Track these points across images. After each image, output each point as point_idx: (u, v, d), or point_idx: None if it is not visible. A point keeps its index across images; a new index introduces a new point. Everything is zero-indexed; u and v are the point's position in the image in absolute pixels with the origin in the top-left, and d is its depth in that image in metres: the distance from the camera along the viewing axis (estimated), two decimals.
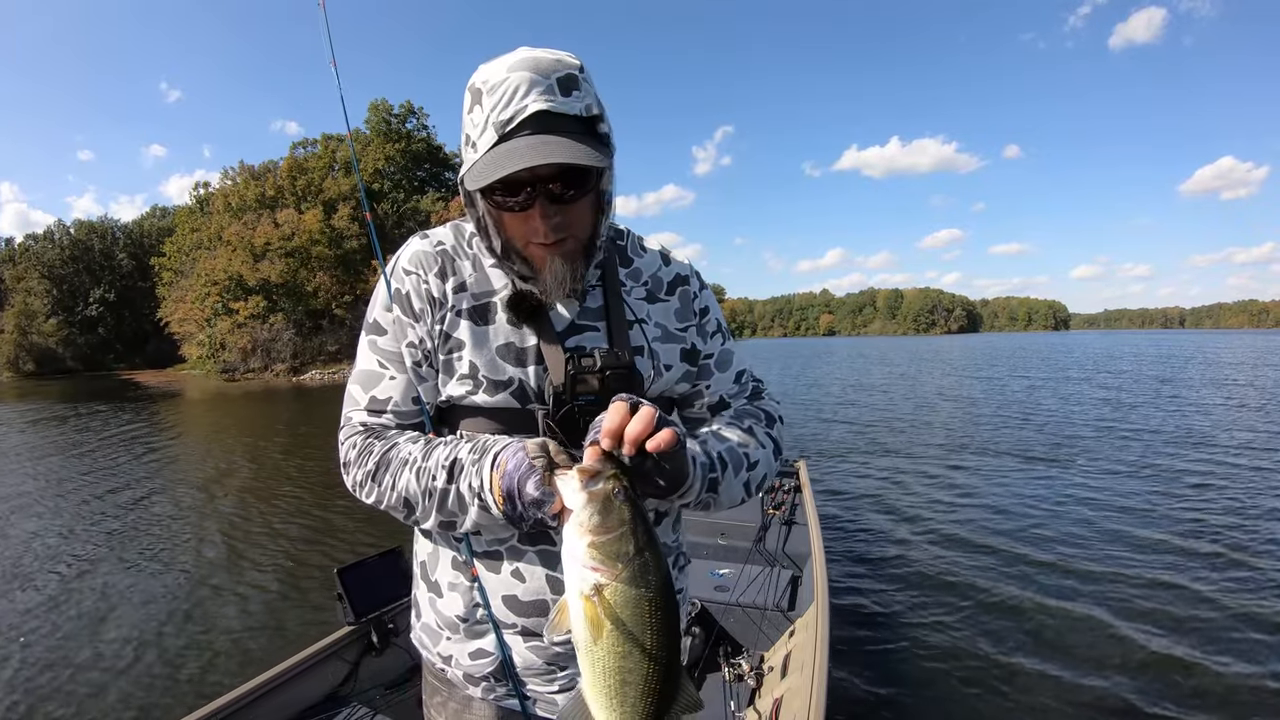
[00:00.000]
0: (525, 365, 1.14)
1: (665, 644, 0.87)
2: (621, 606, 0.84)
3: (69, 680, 4.51)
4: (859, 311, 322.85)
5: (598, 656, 0.86)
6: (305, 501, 9.35)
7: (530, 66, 1.01)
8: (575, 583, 0.87)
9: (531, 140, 0.99)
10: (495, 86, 1.01)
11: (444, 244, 1.21)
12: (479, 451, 1.03)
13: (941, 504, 8.30)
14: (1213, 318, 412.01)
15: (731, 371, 1.35)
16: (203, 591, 6.06)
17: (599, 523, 0.85)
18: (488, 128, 1.02)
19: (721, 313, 1.37)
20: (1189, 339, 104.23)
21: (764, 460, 1.24)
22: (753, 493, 1.23)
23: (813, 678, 2.70)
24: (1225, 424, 14.35)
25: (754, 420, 1.29)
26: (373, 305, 1.22)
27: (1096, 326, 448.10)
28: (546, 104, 1.00)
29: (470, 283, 1.18)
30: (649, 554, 0.86)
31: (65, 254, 72.06)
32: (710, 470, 1.11)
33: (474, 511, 1.03)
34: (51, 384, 47.46)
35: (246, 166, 50.45)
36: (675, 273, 1.31)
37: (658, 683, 0.87)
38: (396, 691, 3.13)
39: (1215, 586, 5.43)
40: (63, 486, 10.78)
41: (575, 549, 0.86)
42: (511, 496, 0.95)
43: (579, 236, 1.11)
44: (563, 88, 1.02)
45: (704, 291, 1.34)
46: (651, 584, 0.86)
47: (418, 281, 1.17)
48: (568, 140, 1.00)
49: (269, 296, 45.97)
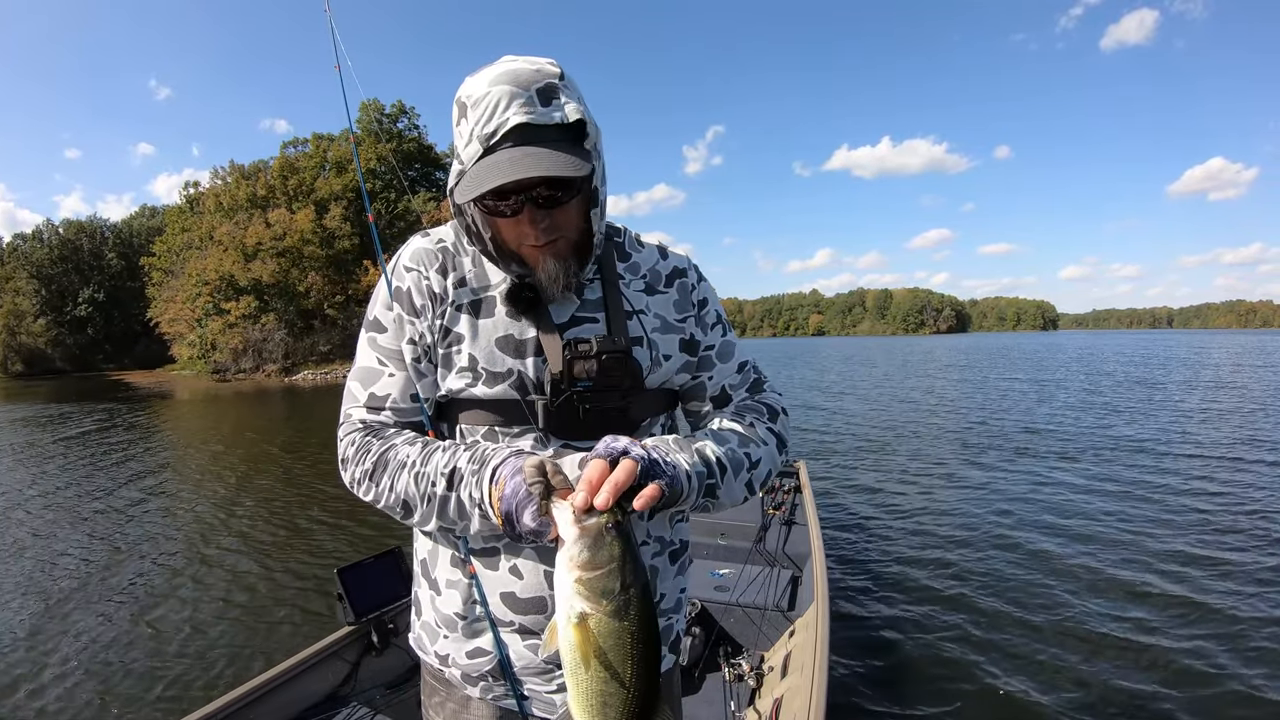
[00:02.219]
0: (524, 357, 1.15)
1: (644, 675, 0.90)
2: (604, 637, 0.87)
3: (68, 681, 4.48)
4: (848, 312, 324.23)
5: (581, 679, 0.89)
6: (304, 501, 9.30)
7: (510, 79, 1.03)
8: (564, 608, 0.89)
9: (513, 153, 1.02)
10: (478, 101, 1.04)
11: (445, 241, 1.23)
12: (478, 462, 1.04)
13: (941, 503, 8.32)
14: (1200, 318, 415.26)
15: (734, 362, 1.35)
16: (202, 591, 6.03)
17: (588, 559, 0.87)
18: (472, 140, 1.05)
19: (721, 305, 1.39)
20: (1178, 339, 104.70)
21: (766, 457, 1.24)
22: (755, 491, 1.23)
23: (813, 678, 2.70)
24: (1225, 423, 14.43)
25: (756, 416, 1.30)
26: (373, 303, 1.23)
27: (1085, 327, 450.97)
28: (526, 116, 1.02)
29: (470, 278, 1.20)
30: (634, 590, 0.89)
31: (54, 254, 71.79)
32: (708, 478, 1.11)
33: (476, 520, 1.05)
34: (41, 384, 47.15)
35: (237, 166, 50.33)
36: (673, 266, 1.33)
37: (636, 708, 0.90)
38: (396, 691, 3.12)
39: (1218, 586, 5.46)
40: (57, 488, 10.69)
41: (563, 581, 0.89)
42: (510, 520, 0.96)
43: (570, 236, 1.14)
44: (542, 98, 1.04)
45: (702, 284, 1.35)
46: (634, 619, 0.88)
47: (418, 278, 1.18)
48: (548, 151, 1.02)
49: (261, 296, 45.82)
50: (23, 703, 4.26)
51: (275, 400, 29.56)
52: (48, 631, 5.27)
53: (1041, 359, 45.90)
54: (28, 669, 4.68)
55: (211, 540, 7.60)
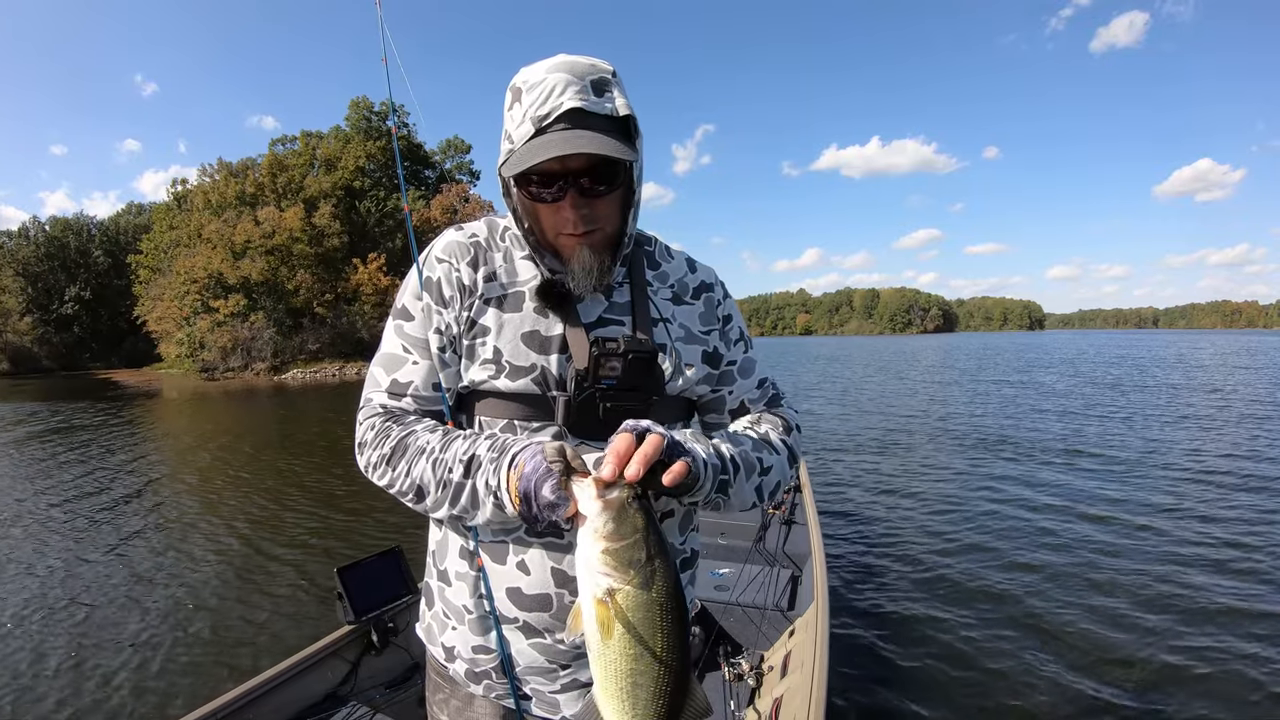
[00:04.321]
0: (549, 353, 1.17)
1: (676, 648, 0.89)
2: (633, 611, 0.86)
3: (67, 683, 4.44)
4: (835, 311, 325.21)
5: (610, 660, 0.88)
6: (303, 501, 9.26)
7: (567, 69, 1.08)
8: (589, 587, 0.88)
9: (566, 134, 1.05)
10: (534, 86, 1.08)
11: (477, 236, 1.25)
12: (498, 450, 1.05)
13: (941, 503, 8.33)
14: (1186, 318, 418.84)
15: (754, 378, 1.38)
16: (200, 592, 5.99)
17: (613, 530, 0.87)
18: (525, 121, 1.08)
19: (744, 322, 1.42)
20: (1165, 339, 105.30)
21: (778, 466, 1.25)
22: (765, 498, 1.24)
23: (813, 677, 2.71)
24: (1227, 424, 14.55)
25: (770, 426, 1.31)
26: (403, 292, 1.25)
27: (1071, 326, 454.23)
28: (580, 102, 1.06)
29: (500, 273, 1.22)
30: (660, 561, 0.88)
31: (40, 251, 71.04)
32: (721, 472, 1.12)
33: (488, 508, 1.05)
34: (27, 383, 46.64)
35: (225, 163, 49.92)
36: (701, 280, 1.36)
37: (668, 686, 0.89)
38: (396, 691, 3.11)
39: (1222, 584, 5.51)
40: (49, 489, 10.59)
41: (589, 555, 0.88)
42: (528, 498, 0.96)
43: (606, 230, 1.16)
44: (596, 89, 1.09)
45: (727, 300, 1.38)
46: (663, 590, 0.88)
47: (449, 270, 1.20)
48: (598, 135, 1.06)
49: (249, 295, 45.51)
50: (23, 703, 4.24)
51: (265, 399, 29.35)
52: (47, 632, 5.23)
53: (1038, 358, 46.11)
54: (27, 669, 4.64)
55: (210, 540, 7.56)
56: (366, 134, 53.72)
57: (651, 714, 0.89)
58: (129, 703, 4.20)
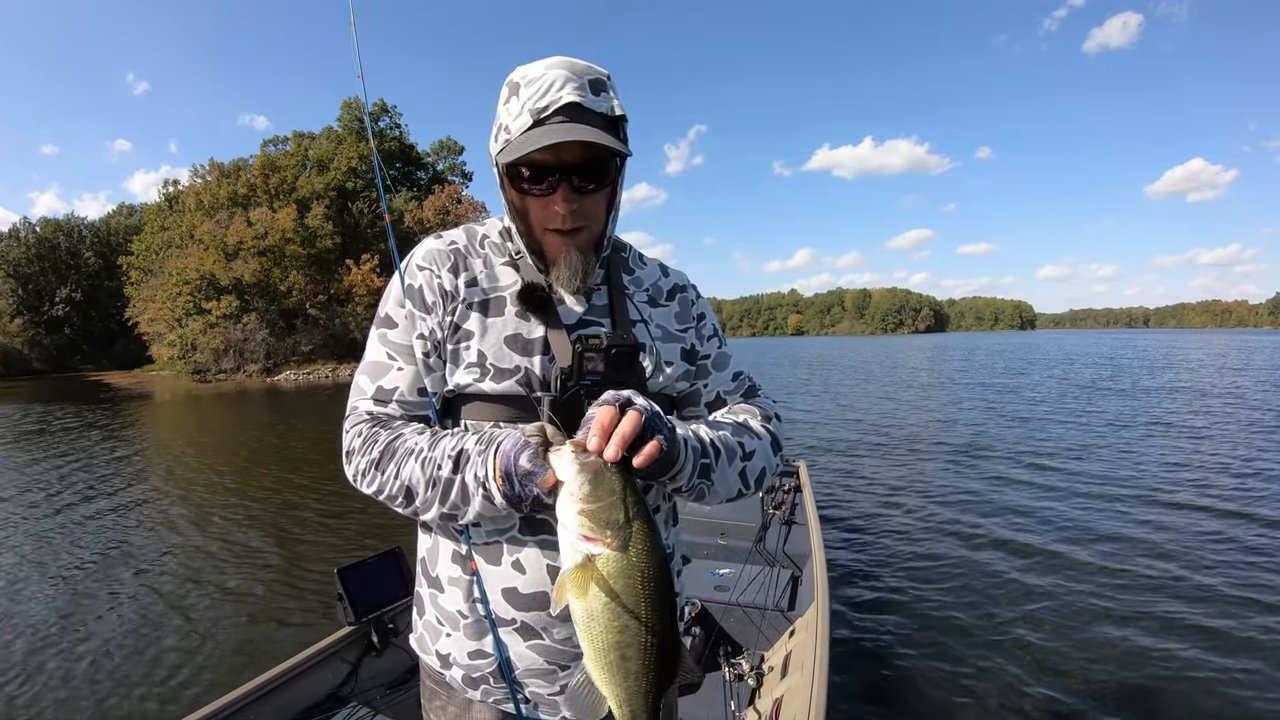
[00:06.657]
0: (532, 355, 1.19)
1: (660, 615, 0.89)
2: (614, 577, 0.86)
3: (67, 684, 4.42)
4: (827, 311, 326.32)
5: (596, 633, 0.88)
6: (302, 501, 9.24)
7: (566, 67, 1.12)
8: (569, 553, 0.89)
9: (564, 125, 1.09)
10: (533, 80, 1.12)
11: (457, 243, 1.28)
12: (485, 443, 1.06)
13: (942, 503, 8.34)
14: (1176, 318, 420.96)
15: (729, 371, 1.41)
16: (200, 592, 5.98)
17: (590, 491, 0.87)
18: (523, 113, 1.11)
19: (717, 320, 1.46)
20: (1157, 338, 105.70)
21: (760, 451, 1.27)
22: (751, 484, 1.26)
23: (813, 678, 2.71)
24: (1228, 422, 14.61)
25: (749, 414, 1.35)
26: (385, 300, 1.27)
27: (1062, 326, 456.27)
28: (579, 97, 1.10)
29: (481, 279, 1.24)
30: (640, 523, 0.88)
31: (30, 252, 70.53)
32: (702, 455, 1.14)
33: (477, 502, 1.06)
34: (18, 386, 46.28)
35: (217, 164, 49.70)
36: (674, 282, 1.41)
37: (656, 654, 0.89)
38: (396, 692, 3.11)
39: (1224, 580, 5.54)
40: (45, 492, 10.52)
41: (567, 517, 0.88)
42: (509, 474, 0.98)
43: (593, 229, 1.20)
44: (593, 89, 1.13)
45: (700, 300, 1.43)
46: (642, 551, 0.88)
47: (430, 276, 1.22)
48: (595, 129, 1.10)
49: (242, 296, 45.29)
50: (23, 704, 4.22)
51: (258, 401, 29.21)
52: (45, 633, 5.22)
53: (1050, 359, 46.27)
54: (26, 670, 4.62)
55: (209, 541, 7.54)
56: (359, 134, 53.57)
57: (643, 683, 0.90)
58: (129, 704, 4.19)
